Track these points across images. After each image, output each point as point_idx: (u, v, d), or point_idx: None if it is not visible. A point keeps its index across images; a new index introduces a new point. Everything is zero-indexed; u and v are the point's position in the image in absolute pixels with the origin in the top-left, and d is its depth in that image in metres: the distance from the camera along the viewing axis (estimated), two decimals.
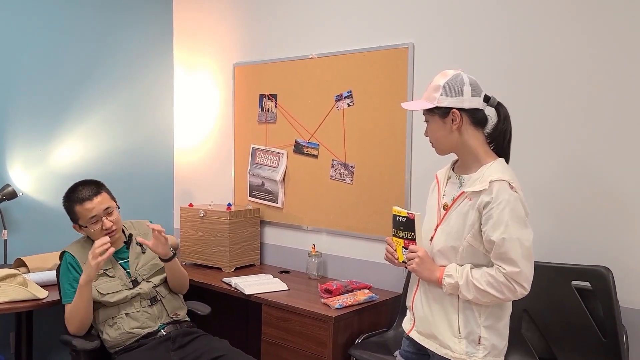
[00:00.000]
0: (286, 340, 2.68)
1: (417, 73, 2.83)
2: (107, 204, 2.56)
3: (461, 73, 1.81)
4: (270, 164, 3.49)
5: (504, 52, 2.56)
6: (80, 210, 2.52)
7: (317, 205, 3.27)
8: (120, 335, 2.51)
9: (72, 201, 2.54)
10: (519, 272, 1.68)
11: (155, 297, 2.63)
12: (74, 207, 2.54)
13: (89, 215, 2.51)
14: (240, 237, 3.36)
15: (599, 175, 2.33)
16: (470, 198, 1.76)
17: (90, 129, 3.61)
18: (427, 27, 2.80)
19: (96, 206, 2.52)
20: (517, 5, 2.52)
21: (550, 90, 2.44)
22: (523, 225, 1.70)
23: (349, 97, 3.09)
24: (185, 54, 3.99)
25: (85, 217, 2.52)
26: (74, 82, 3.52)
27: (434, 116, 1.83)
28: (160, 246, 2.60)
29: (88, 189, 2.55)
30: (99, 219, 2.53)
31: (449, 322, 1.80)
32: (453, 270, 1.77)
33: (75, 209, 2.53)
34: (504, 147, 1.85)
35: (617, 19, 2.27)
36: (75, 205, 2.53)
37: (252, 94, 3.58)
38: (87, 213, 2.51)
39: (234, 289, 2.94)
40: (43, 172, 3.40)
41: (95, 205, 2.52)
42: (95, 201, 2.53)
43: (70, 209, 2.56)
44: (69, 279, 2.51)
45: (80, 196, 2.53)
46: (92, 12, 3.57)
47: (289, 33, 3.38)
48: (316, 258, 3.17)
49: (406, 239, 1.86)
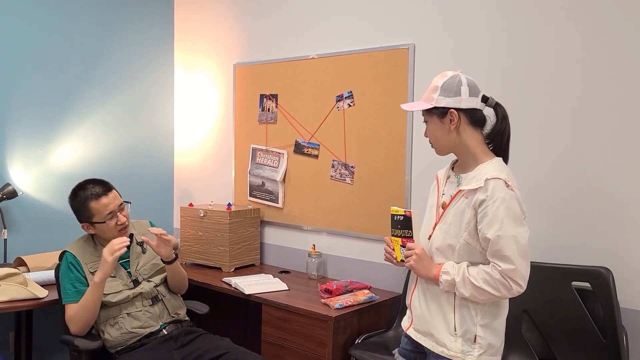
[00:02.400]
0: (286, 340, 2.68)
1: (417, 74, 2.84)
2: (119, 199, 2.59)
3: (459, 74, 1.82)
4: (270, 164, 3.49)
5: (504, 53, 2.56)
6: (96, 206, 2.51)
7: (318, 206, 3.27)
8: (121, 335, 2.51)
9: (86, 198, 2.52)
10: (514, 269, 1.68)
11: (156, 296, 2.64)
12: (88, 203, 2.51)
13: (105, 211, 2.51)
14: (240, 237, 3.36)
15: (600, 175, 2.33)
16: (467, 196, 1.77)
17: (90, 128, 3.61)
18: (428, 27, 2.80)
19: (112, 201, 2.53)
20: (517, 7, 2.52)
21: (550, 90, 2.45)
22: (518, 223, 1.71)
23: (350, 98, 3.10)
24: (185, 54, 3.99)
25: (101, 213, 2.51)
26: (75, 82, 3.52)
27: (433, 116, 1.84)
28: (164, 248, 2.61)
29: (99, 186, 2.55)
30: (114, 215, 2.53)
31: (445, 321, 1.81)
32: (450, 268, 1.78)
33: (90, 206, 2.51)
34: (502, 147, 1.85)
35: (616, 20, 2.27)
36: (90, 202, 2.51)
37: (252, 94, 3.58)
38: (104, 209, 2.51)
39: (234, 288, 2.94)
40: (43, 171, 3.40)
41: (111, 201, 2.53)
42: (111, 196, 2.54)
43: (82, 207, 2.53)
44: (70, 279, 2.51)
45: (95, 192, 2.52)
46: (93, 12, 3.58)
47: (290, 33, 3.38)
48: (316, 258, 3.17)
49: (404, 237, 1.87)
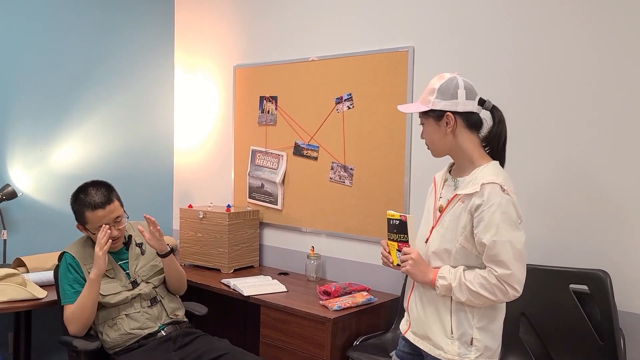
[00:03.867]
0: (284, 342, 2.68)
1: (417, 76, 2.84)
2: (118, 212, 2.55)
3: (456, 76, 1.81)
4: (270, 165, 3.50)
5: (504, 55, 2.57)
6: (91, 216, 2.50)
7: (317, 207, 3.27)
8: (120, 336, 2.51)
9: (84, 205, 2.51)
10: (510, 274, 1.68)
11: (155, 297, 2.64)
12: (84, 211, 2.51)
13: (99, 222, 2.50)
14: (239, 238, 3.36)
15: (598, 178, 2.33)
16: (463, 200, 1.77)
17: (90, 129, 3.62)
18: (427, 30, 2.81)
19: (107, 215, 2.51)
20: (517, 9, 2.52)
21: (549, 93, 2.45)
22: (514, 227, 1.71)
23: (349, 100, 3.10)
24: (186, 55, 4.00)
25: (95, 223, 2.50)
26: (75, 83, 3.53)
27: (429, 119, 1.84)
28: (155, 240, 2.62)
29: (100, 194, 2.52)
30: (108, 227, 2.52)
31: (442, 324, 1.81)
32: (446, 272, 1.78)
33: (86, 214, 2.51)
34: (499, 150, 1.85)
35: (618, 24, 2.27)
36: (87, 211, 2.50)
37: (252, 95, 3.58)
38: (98, 221, 2.50)
39: (233, 290, 2.95)
40: (43, 172, 3.41)
41: (107, 214, 2.51)
42: (108, 209, 2.51)
43: (79, 212, 2.53)
44: (69, 280, 2.51)
45: (93, 202, 2.49)
46: (94, 13, 3.58)
47: (290, 35, 3.39)
48: (315, 260, 3.17)
49: (400, 241, 1.87)
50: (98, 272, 2.44)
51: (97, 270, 2.43)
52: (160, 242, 2.63)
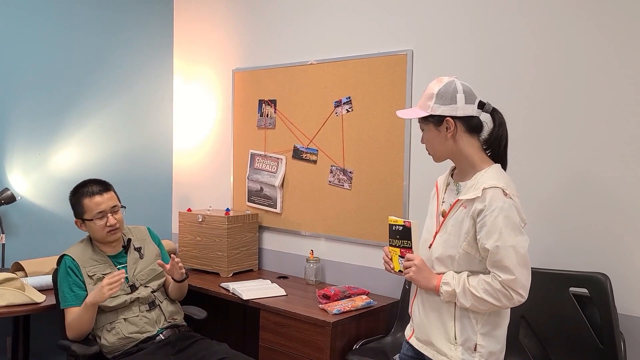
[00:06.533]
0: (284, 346, 2.68)
1: (416, 79, 2.84)
2: (115, 202, 2.62)
3: (455, 80, 1.80)
4: (269, 169, 3.50)
5: (504, 59, 2.57)
6: (89, 203, 2.56)
7: (316, 211, 3.27)
8: (118, 340, 2.51)
9: (81, 194, 2.58)
10: (515, 279, 1.67)
11: (153, 301, 2.64)
12: (82, 199, 2.57)
13: (96, 209, 2.55)
14: (238, 242, 3.36)
15: (598, 182, 2.33)
16: (465, 205, 1.75)
17: (89, 133, 3.61)
18: (426, 33, 2.81)
19: (105, 202, 2.57)
20: (516, 13, 2.53)
21: (549, 98, 2.45)
22: (517, 232, 1.69)
23: (348, 103, 3.10)
24: (184, 58, 4.00)
25: (92, 210, 2.55)
26: (75, 87, 3.53)
27: (429, 124, 1.83)
28: (176, 272, 2.65)
29: (98, 186, 2.62)
30: (105, 215, 2.56)
31: (445, 330, 1.80)
32: (450, 278, 1.76)
33: (84, 202, 2.56)
34: (500, 153, 1.84)
35: (625, 26, 2.27)
36: (84, 198, 2.57)
37: (251, 99, 3.58)
38: (95, 207, 2.55)
39: (232, 294, 2.94)
40: (42, 176, 3.40)
41: (104, 201, 2.57)
42: (105, 197, 2.59)
43: (77, 202, 2.59)
44: (69, 283, 2.51)
45: (90, 190, 2.58)
46: (94, 19, 3.58)
47: (289, 39, 3.39)
48: (314, 263, 3.17)
49: (403, 247, 1.85)
50: (94, 302, 2.42)
51: (93, 300, 2.42)
52: (180, 272, 2.67)
